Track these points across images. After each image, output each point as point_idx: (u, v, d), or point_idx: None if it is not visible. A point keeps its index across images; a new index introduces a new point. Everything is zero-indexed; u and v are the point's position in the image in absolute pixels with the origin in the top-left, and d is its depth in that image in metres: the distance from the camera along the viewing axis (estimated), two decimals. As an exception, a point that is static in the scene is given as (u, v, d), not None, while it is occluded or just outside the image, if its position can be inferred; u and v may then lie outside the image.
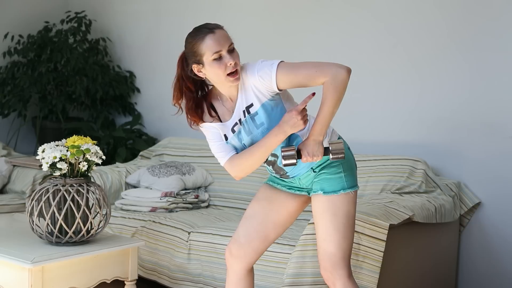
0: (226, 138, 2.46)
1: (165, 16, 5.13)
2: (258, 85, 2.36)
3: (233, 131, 2.44)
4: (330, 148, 2.35)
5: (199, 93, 2.47)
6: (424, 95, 3.97)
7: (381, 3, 4.11)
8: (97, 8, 5.48)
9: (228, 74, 2.34)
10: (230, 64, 2.32)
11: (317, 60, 2.50)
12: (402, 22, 4.04)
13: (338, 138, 2.50)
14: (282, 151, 2.32)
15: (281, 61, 2.36)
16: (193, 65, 2.39)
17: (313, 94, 2.34)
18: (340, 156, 2.34)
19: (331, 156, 2.34)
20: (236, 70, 2.34)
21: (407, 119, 4.03)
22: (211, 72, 2.36)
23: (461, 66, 3.85)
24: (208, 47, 2.33)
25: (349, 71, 2.32)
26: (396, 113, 4.08)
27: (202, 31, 2.35)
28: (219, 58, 2.33)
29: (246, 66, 2.41)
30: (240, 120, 2.42)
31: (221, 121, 2.46)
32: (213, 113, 2.46)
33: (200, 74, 2.40)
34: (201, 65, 2.37)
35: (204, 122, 2.46)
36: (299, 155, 2.34)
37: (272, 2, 4.59)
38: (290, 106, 2.43)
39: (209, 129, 2.48)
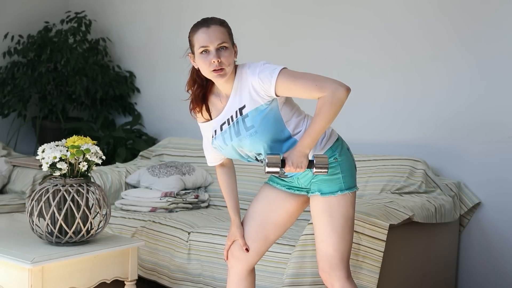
0: (216, 133, 2.47)
1: (165, 16, 5.13)
2: (257, 87, 2.36)
3: (221, 128, 2.45)
4: (314, 161, 2.31)
5: (208, 86, 2.49)
6: (424, 95, 3.97)
7: (381, 3, 4.11)
8: (97, 8, 5.49)
9: (213, 70, 2.36)
10: (213, 62, 2.34)
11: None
12: (402, 22, 4.04)
13: (337, 139, 2.49)
14: (266, 158, 2.30)
15: (283, 68, 2.36)
16: (189, 54, 2.44)
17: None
18: (323, 171, 2.31)
19: (314, 170, 2.32)
20: (221, 69, 2.35)
21: (407, 119, 4.03)
22: (199, 63, 2.40)
23: (461, 66, 3.85)
24: (197, 39, 2.37)
25: (348, 90, 2.29)
26: (396, 113, 4.08)
27: (201, 23, 2.39)
28: (206, 53, 2.36)
29: (247, 66, 2.42)
30: (228, 120, 2.43)
31: (212, 118, 2.49)
32: (205, 113, 2.49)
33: (194, 64, 2.44)
34: (193, 55, 2.41)
35: (202, 115, 2.50)
36: (283, 164, 2.32)
37: (273, 2, 4.59)
38: (288, 111, 2.42)
39: (203, 129, 2.54)
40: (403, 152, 3.98)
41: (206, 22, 2.38)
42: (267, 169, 2.30)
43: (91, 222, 3.03)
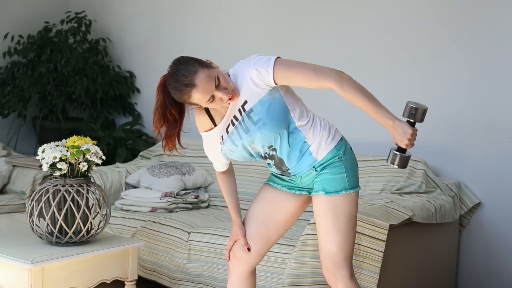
0: (223, 138, 2.46)
1: (165, 16, 5.13)
2: (255, 78, 2.36)
3: (227, 132, 2.45)
4: (408, 120, 2.29)
5: (180, 118, 2.44)
6: (425, 95, 3.97)
7: (382, 3, 4.11)
8: (97, 8, 5.49)
9: (228, 99, 2.35)
10: (224, 98, 2.33)
11: (314, 62, 2.50)
12: (403, 22, 4.04)
13: (341, 138, 2.49)
14: (390, 162, 2.30)
15: (278, 57, 2.37)
16: (189, 105, 2.40)
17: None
18: (424, 108, 2.26)
19: (418, 121, 2.27)
20: (232, 93, 2.34)
21: (407, 119, 4.03)
22: (211, 106, 2.38)
23: (461, 67, 3.85)
24: (198, 100, 2.33)
25: (343, 72, 2.35)
26: (396, 113, 4.06)
27: (183, 88, 2.31)
28: (213, 97, 2.34)
29: (239, 64, 2.42)
30: (232, 121, 2.42)
31: (215, 125, 2.48)
32: (209, 121, 2.48)
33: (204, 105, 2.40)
34: (195, 105, 2.38)
35: (176, 149, 2.47)
36: (401, 150, 2.29)
37: (272, 2, 4.59)
38: (292, 100, 2.43)
39: (208, 138, 2.52)
40: (403, 152, 3.98)
41: (188, 85, 2.30)
42: (400, 163, 2.28)
43: (91, 222, 3.03)
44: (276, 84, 2.36)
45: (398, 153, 2.29)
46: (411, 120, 2.29)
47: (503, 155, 3.73)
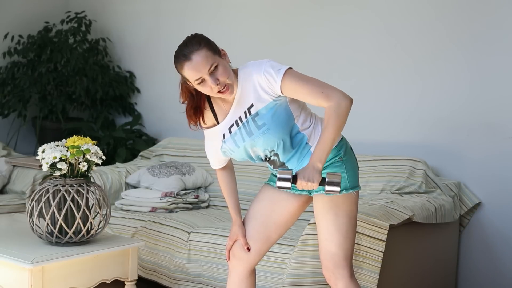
0: (224, 137, 2.46)
1: (165, 16, 5.13)
2: (263, 84, 2.36)
3: (230, 131, 2.45)
4: (326, 179, 2.25)
5: (200, 95, 2.47)
6: (424, 95, 3.97)
7: (381, 3, 4.11)
8: (97, 8, 5.49)
9: (218, 92, 2.35)
10: (214, 87, 2.33)
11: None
12: (402, 22, 4.04)
13: (342, 138, 2.49)
14: (278, 173, 2.27)
15: (289, 68, 2.36)
16: (187, 82, 2.41)
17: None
18: (335, 189, 2.23)
19: (326, 188, 2.25)
20: (225, 87, 2.34)
21: (407, 119, 4.03)
22: (201, 90, 2.39)
23: (461, 66, 3.85)
24: (188, 75, 2.35)
25: (352, 101, 2.32)
26: (396, 113, 4.08)
27: (180, 58, 2.35)
28: (203, 82, 2.34)
29: (250, 65, 2.42)
30: (237, 121, 2.42)
31: (218, 123, 2.48)
32: (212, 117, 2.47)
33: (197, 88, 2.41)
34: (191, 83, 2.39)
35: (201, 126, 2.50)
36: (295, 180, 2.27)
37: (272, 2, 4.59)
38: (297, 107, 2.43)
39: (209, 134, 2.52)
40: (403, 152, 3.98)
41: (185, 56, 2.34)
42: (278, 184, 2.26)
43: (91, 222, 3.03)
44: (282, 94, 2.36)
45: (290, 178, 2.25)
46: (325, 181, 2.25)
47: (503, 155, 3.73)
